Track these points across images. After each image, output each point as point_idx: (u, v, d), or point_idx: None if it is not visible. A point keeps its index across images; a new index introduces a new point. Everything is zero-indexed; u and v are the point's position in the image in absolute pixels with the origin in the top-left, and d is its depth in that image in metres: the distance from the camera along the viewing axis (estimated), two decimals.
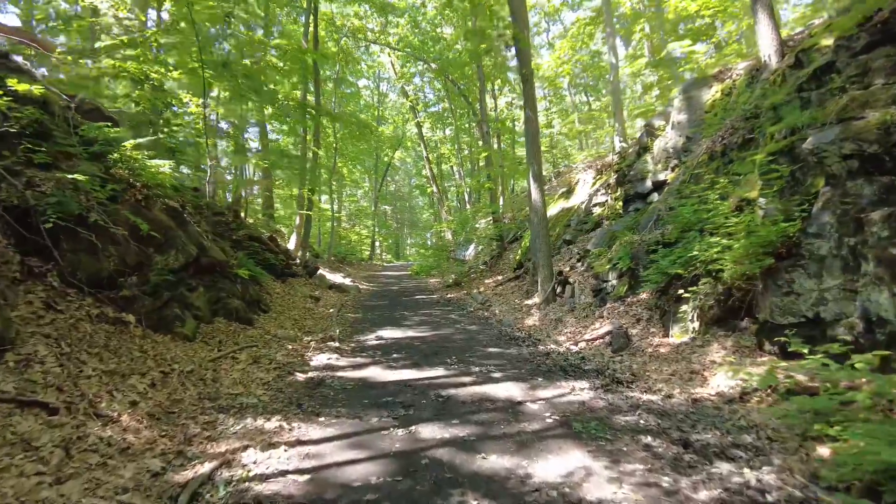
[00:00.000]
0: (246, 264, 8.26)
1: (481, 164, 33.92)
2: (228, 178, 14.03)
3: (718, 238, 6.18)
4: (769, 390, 4.52)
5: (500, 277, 15.82)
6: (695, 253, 6.46)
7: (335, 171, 25.06)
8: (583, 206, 13.66)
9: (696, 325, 6.45)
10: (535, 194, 10.38)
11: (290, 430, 3.99)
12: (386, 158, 37.93)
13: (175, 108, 9.68)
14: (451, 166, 35.96)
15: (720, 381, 5.23)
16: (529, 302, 11.14)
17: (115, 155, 5.54)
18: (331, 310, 10.94)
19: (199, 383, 4.66)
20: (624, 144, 14.64)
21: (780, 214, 5.46)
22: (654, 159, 10.44)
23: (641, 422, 4.23)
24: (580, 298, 9.40)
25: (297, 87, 13.19)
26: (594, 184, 14.54)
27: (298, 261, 15.19)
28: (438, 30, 22.86)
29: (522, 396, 4.97)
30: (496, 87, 24.04)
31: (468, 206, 29.84)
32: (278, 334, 7.37)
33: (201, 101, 8.72)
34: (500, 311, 11.06)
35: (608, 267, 8.87)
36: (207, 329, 6.49)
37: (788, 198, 5.53)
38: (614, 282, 8.76)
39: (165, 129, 9.15)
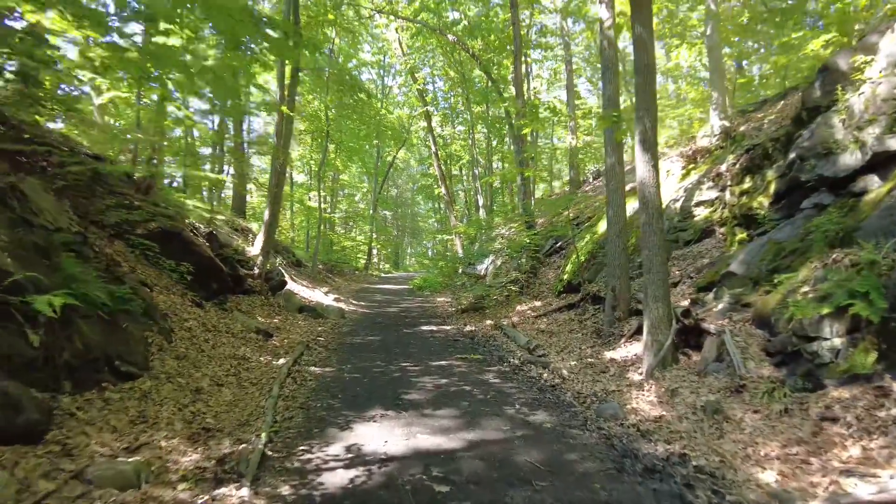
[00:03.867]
0: (72, 282, 3.80)
1: (496, 162, 29.77)
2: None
3: None
4: None
5: (538, 303, 11.35)
6: None
7: (325, 161, 20.61)
8: (676, 206, 9.26)
9: None
10: (642, 170, 5.90)
11: None
12: (388, 157, 33.58)
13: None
14: (460, 167, 31.57)
15: None
16: (616, 356, 6.66)
17: None
18: (282, 360, 6.43)
19: None
20: (725, 123, 10.28)
21: None
22: (851, 121, 6.06)
23: None
24: (741, 366, 4.94)
25: None
26: (685, 174, 10.15)
27: (257, 270, 10.73)
28: None
29: None
30: (526, 61, 19.69)
31: (482, 212, 25.47)
32: (89, 471, 2.86)
33: None
34: (567, 369, 6.57)
35: (820, 311, 4.44)
36: None
37: None
38: (836, 342, 4.33)
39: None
